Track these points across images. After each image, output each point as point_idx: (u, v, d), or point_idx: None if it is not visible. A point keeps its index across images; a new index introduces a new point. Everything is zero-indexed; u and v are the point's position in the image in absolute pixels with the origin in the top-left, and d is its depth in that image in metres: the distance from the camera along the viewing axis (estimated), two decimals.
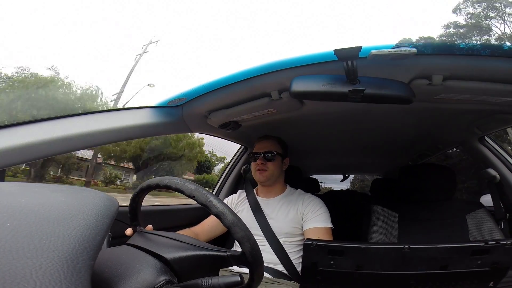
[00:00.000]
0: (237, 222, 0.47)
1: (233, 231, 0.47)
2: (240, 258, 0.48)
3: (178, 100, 0.93)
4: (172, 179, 0.52)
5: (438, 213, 1.18)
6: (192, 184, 0.50)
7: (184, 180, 0.52)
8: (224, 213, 0.47)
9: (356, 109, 1.06)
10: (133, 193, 0.59)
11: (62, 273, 0.22)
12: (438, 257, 0.67)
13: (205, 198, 0.48)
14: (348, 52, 0.58)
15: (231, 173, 1.73)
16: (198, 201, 0.48)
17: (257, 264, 0.49)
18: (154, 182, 0.54)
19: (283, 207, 1.17)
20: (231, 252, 0.49)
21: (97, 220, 0.29)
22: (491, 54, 0.64)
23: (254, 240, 0.48)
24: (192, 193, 0.49)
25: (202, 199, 0.48)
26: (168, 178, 0.53)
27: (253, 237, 0.48)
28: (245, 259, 0.47)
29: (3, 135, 0.61)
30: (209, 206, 0.47)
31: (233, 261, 0.49)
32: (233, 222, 0.47)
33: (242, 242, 0.47)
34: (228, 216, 0.47)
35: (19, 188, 0.32)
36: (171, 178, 0.53)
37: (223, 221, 0.47)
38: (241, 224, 0.48)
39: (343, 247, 0.67)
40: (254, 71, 0.77)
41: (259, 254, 0.49)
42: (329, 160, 2.35)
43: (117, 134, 0.80)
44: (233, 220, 0.47)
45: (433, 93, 0.81)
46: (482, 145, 1.30)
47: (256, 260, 0.48)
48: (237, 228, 0.47)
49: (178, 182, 0.51)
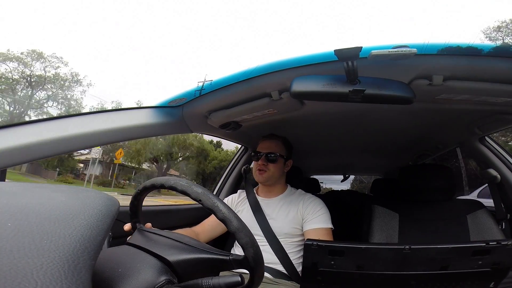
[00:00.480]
0: (242, 229, 0.48)
1: (238, 236, 0.47)
2: (242, 263, 0.48)
3: (179, 100, 0.93)
4: (178, 181, 0.52)
5: (438, 213, 1.18)
6: (199, 187, 0.50)
7: (191, 182, 0.51)
8: (230, 219, 0.48)
9: (357, 109, 1.06)
10: (135, 191, 0.59)
11: (63, 273, 0.22)
12: (438, 258, 0.67)
13: (211, 203, 0.48)
14: (348, 52, 0.58)
15: (232, 173, 1.73)
16: (205, 205, 0.48)
17: (259, 268, 0.49)
18: (159, 182, 0.54)
19: (283, 207, 1.17)
20: (233, 257, 0.49)
21: (98, 220, 0.29)
22: (492, 54, 0.64)
23: (257, 246, 0.49)
24: (198, 197, 0.48)
25: (209, 203, 0.48)
26: (173, 179, 0.53)
27: (257, 243, 0.49)
28: (247, 264, 0.48)
29: (4, 135, 0.61)
30: (216, 211, 0.48)
31: (235, 265, 0.49)
32: (238, 228, 0.47)
33: (246, 248, 0.47)
34: (234, 222, 0.48)
35: (20, 188, 0.32)
36: (177, 179, 0.52)
37: (228, 227, 0.47)
38: (246, 230, 0.48)
39: (343, 247, 0.67)
40: (254, 71, 0.77)
41: (262, 259, 0.49)
42: (329, 161, 2.35)
43: (117, 134, 0.80)
44: (238, 226, 0.48)
45: (433, 94, 0.81)
46: (482, 146, 1.30)
47: (258, 265, 0.48)
48: (242, 234, 0.47)
49: (185, 185, 0.51)
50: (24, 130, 0.64)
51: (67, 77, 16.23)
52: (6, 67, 15.64)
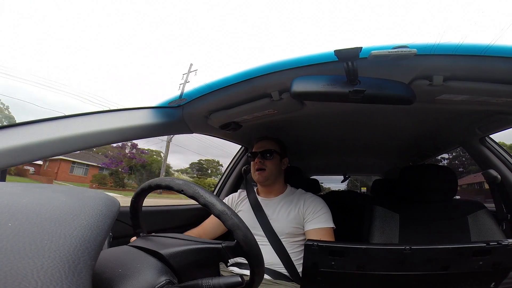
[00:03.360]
0: (227, 210, 0.47)
1: (223, 219, 0.46)
2: (236, 249, 0.48)
3: (179, 101, 0.93)
4: (162, 179, 0.54)
5: (439, 214, 1.18)
6: (180, 180, 0.51)
7: (173, 177, 0.53)
8: (213, 203, 0.47)
9: (357, 109, 1.06)
10: (134, 193, 0.59)
11: (64, 273, 0.22)
12: (439, 258, 0.67)
13: (192, 191, 0.48)
14: (349, 52, 0.58)
15: (232, 173, 1.73)
16: (187, 194, 0.48)
17: (254, 254, 0.48)
18: (154, 182, 0.55)
19: (284, 207, 1.17)
20: (225, 244, 0.49)
21: (98, 220, 0.29)
22: (492, 55, 0.64)
23: (246, 227, 0.47)
24: (180, 187, 0.49)
25: (190, 191, 0.48)
26: (159, 179, 0.55)
27: (245, 224, 0.48)
28: (241, 249, 0.47)
29: (4, 135, 0.61)
30: (197, 198, 0.47)
31: (229, 252, 0.49)
32: (222, 210, 0.46)
33: (233, 230, 0.46)
34: (218, 206, 0.47)
35: (21, 188, 0.32)
36: (162, 178, 0.54)
37: (212, 211, 0.47)
38: (231, 211, 0.47)
39: (344, 248, 0.67)
40: (254, 72, 0.77)
41: (254, 241, 0.48)
42: (329, 161, 2.35)
43: (118, 135, 0.80)
44: (221, 208, 0.47)
45: (433, 94, 0.81)
46: (483, 146, 1.30)
47: (252, 249, 0.47)
48: (227, 216, 0.46)
49: (168, 180, 0.52)
50: (24, 130, 0.64)
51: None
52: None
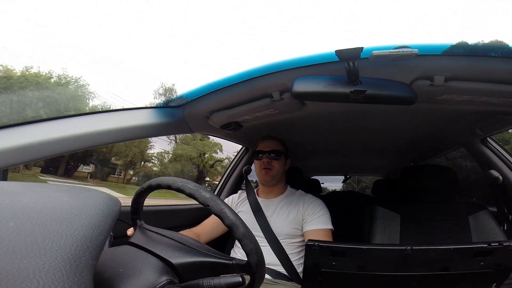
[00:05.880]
0: (248, 235, 0.48)
1: (244, 243, 0.47)
2: (245, 268, 0.49)
3: (180, 101, 0.93)
4: (185, 183, 0.50)
5: (440, 214, 1.18)
6: (207, 192, 0.49)
7: (198, 186, 0.50)
8: (237, 226, 0.48)
9: (358, 110, 1.06)
10: (139, 188, 0.58)
11: (65, 272, 0.22)
12: (440, 259, 0.67)
13: (219, 209, 0.48)
14: (350, 52, 0.58)
15: (233, 173, 1.73)
16: (212, 210, 0.48)
17: (262, 275, 0.50)
18: (165, 182, 0.53)
19: (283, 208, 1.17)
20: (236, 261, 0.50)
21: (100, 219, 0.30)
22: (494, 55, 0.64)
23: (261, 253, 0.49)
24: (206, 202, 0.48)
25: (217, 209, 0.48)
26: (181, 180, 0.51)
27: (261, 250, 0.49)
28: (250, 269, 0.48)
29: (4, 135, 0.61)
30: (223, 218, 0.48)
31: (237, 269, 0.49)
32: (244, 235, 0.48)
33: (250, 255, 0.48)
34: (241, 229, 0.48)
35: (22, 188, 0.32)
36: (185, 181, 0.51)
37: (235, 233, 0.48)
38: (252, 237, 0.49)
39: (345, 248, 0.67)
40: (255, 72, 0.77)
41: (264, 265, 0.49)
42: (330, 161, 2.35)
43: (118, 135, 0.80)
44: (244, 233, 0.48)
45: (435, 94, 0.81)
46: (484, 147, 1.29)
47: (260, 271, 0.49)
48: (248, 241, 0.48)
49: (192, 188, 0.50)
50: (24, 130, 0.64)
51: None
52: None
